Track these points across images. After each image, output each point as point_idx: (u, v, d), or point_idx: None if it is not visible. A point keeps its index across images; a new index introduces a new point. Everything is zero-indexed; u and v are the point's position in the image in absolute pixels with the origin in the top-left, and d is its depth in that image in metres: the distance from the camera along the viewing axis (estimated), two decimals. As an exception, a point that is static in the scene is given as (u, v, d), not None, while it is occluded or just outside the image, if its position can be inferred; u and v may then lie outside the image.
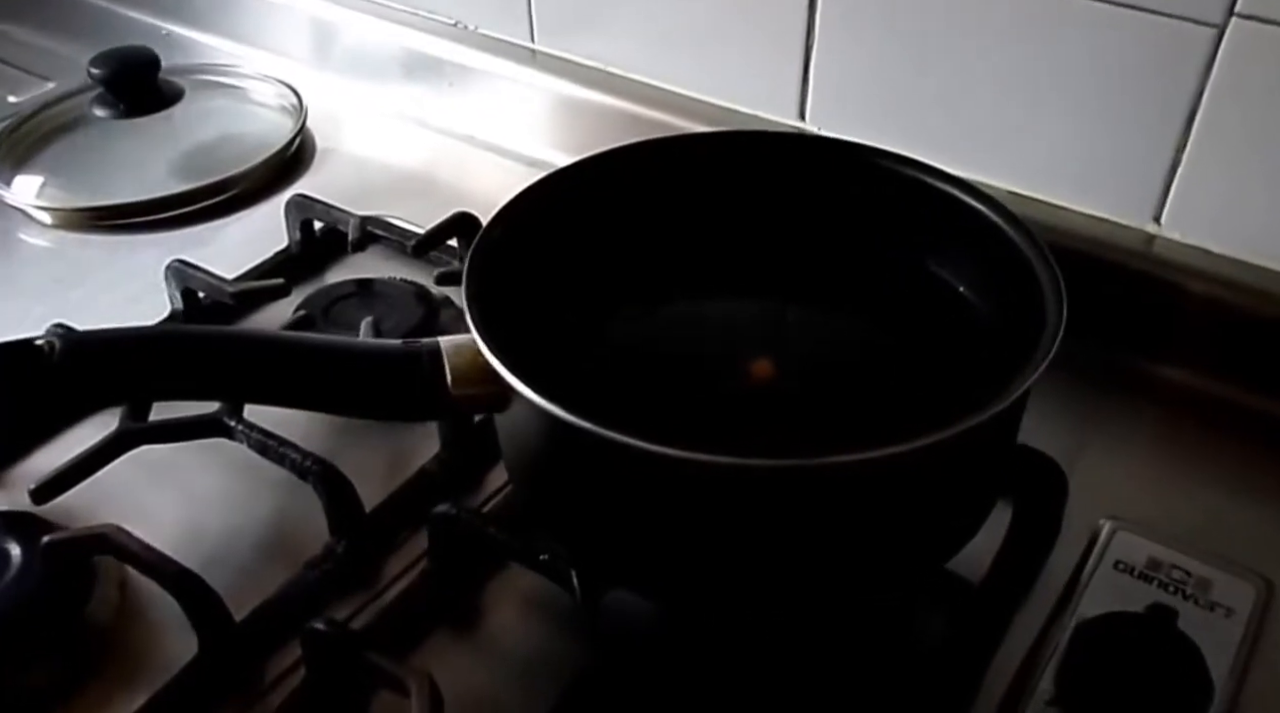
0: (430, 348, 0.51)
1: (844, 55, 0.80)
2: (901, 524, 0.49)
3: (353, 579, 0.59)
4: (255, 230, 0.88)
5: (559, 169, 0.60)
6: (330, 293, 0.77)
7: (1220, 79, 0.66)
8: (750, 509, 0.46)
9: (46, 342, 0.47)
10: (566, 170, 0.61)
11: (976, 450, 0.50)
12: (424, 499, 0.61)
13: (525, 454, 0.53)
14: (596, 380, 0.57)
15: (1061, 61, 0.71)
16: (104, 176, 0.92)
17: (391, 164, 0.97)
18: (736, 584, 0.50)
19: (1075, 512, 0.62)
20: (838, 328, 0.63)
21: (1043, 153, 0.75)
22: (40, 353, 0.46)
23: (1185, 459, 0.67)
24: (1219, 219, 0.70)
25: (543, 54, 0.95)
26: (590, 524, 0.51)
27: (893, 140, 0.63)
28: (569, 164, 0.61)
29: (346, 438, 0.66)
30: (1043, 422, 0.60)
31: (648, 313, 0.63)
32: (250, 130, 0.98)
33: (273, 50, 1.09)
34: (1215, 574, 0.59)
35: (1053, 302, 0.50)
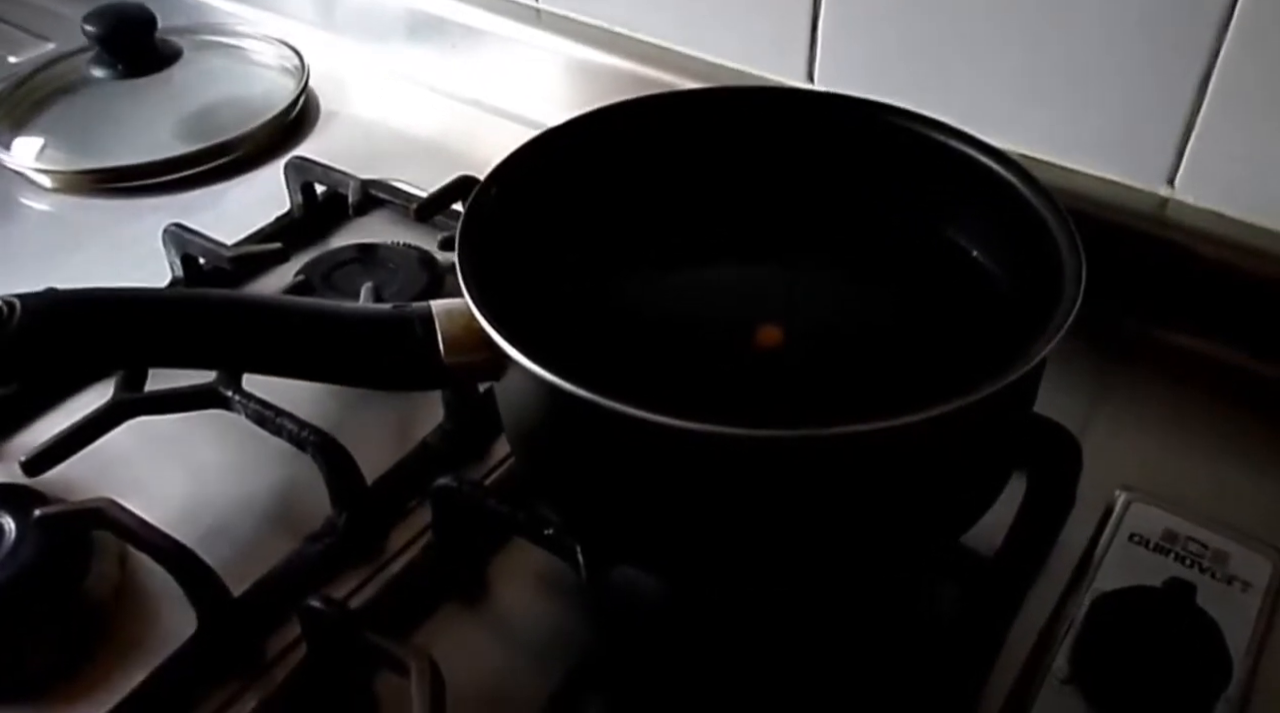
0: (421, 312, 0.49)
1: (852, 14, 0.78)
2: (916, 496, 0.48)
3: (354, 553, 0.58)
4: (258, 194, 0.87)
5: (556, 126, 0.59)
6: (331, 258, 0.76)
7: (1237, 37, 0.65)
8: (758, 481, 0.45)
9: (5, 303, 0.45)
10: (564, 127, 0.59)
11: (993, 420, 0.49)
12: (427, 471, 0.60)
13: (524, 425, 0.52)
14: (597, 346, 0.55)
15: (1076, 22, 0.69)
16: (104, 139, 0.91)
17: (395, 127, 0.96)
18: (745, 559, 0.49)
19: (1089, 482, 0.61)
20: (847, 292, 0.61)
21: (1055, 115, 0.73)
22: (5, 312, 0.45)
23: (1199, 428, 0.66)
24: (1233, 183, 0.69)
25: (548, 14, 0.94)
26: (592, 498, 0.50)
27: (901, 101, 0.62)
28: (566, 121, 0.59)
29: (348, 409, 0.65)
30: (1054, 390, 0.58)
31: (650, 276, 0.61)
32: (251, 92, 0.97)
33: (273, 10, 1.08)
34: (1232, 547, 0.58)
35: (1071, 267, 0.49)
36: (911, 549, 0.51)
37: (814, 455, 0.44)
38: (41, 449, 0.60)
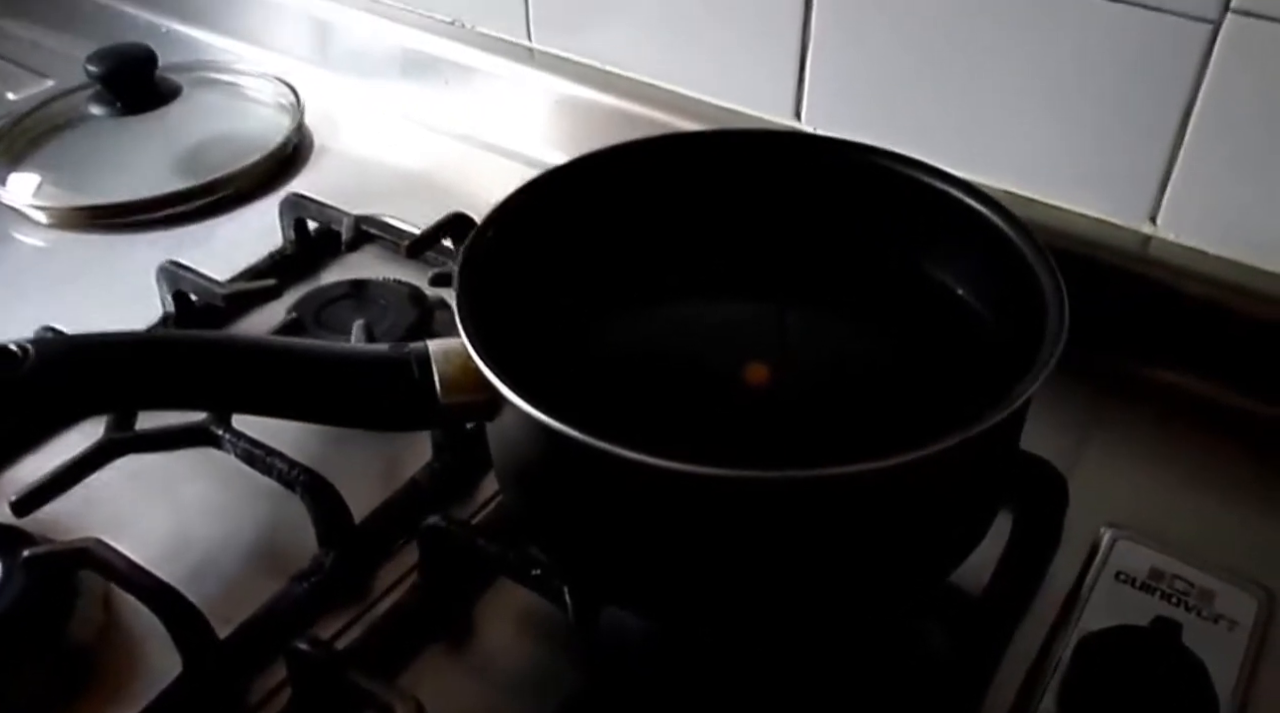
0: (419, 353, 0.50)
1: (839, 55, 0.79)
2: (902, 537, 0.48)
3: (341, 593, 0.59)
4: (251, 229, 0.87)
5: (550, 170, 0.59)
6: (323, 294, 0.77)
7: (1216, 76, 0.65)
8: (746, 522, 0.45)
9: (20, 347, 0.45)
10: (558, 171, 0.60)
11: (978, 459, 0.49)
12: (415, 509, 0.60)
13: (516, 464, 0.52)
14: (589, 386, 0.56)
15: (1057, 59, 0.70)
16: (100, 175, 0.92)
17: (389, 163, 0.96)
18: (733, 600, 0.49)
19: (1075, 520, 0.62)
20: (835, 331, 0.62)
21: (1038, 152, 0.74)
22: (14, 358, 0.45)
23: (1186, 465, 0.67)
24: (1215, 220, 0.70)
25: (540, 52, 0.94)
26: (582, 538, 0.50)
27: (888, 139, 0.62)
28: (560, 165, 0.60)
29: (336, 446, 0.65)
30: (1042, 426, 0.59)
31: (642, 316, 0.62)
32: (247, 128, 0.98)
33: (271, 48, 1.08)
34: (1217, 585, 0.58)
35: (1054, 308, 0.49)
36: (898, 589, 0.51)
37: (800, 496, 0.45)
38: (31, 489, 0.60)
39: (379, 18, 1.01)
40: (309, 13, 1.05)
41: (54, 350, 0.46)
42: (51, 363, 0.45)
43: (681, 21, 0.85)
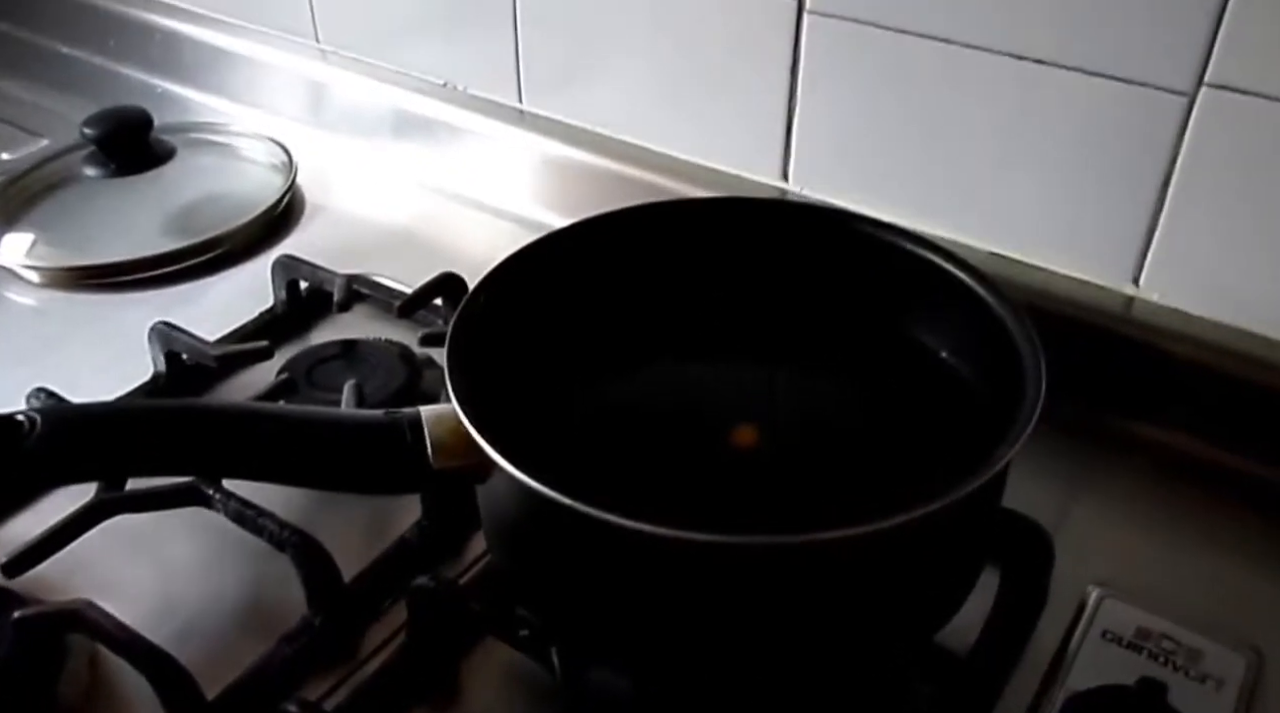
0: (412, 419, 0.50)
1: (825, 119, 0.80)
2: (885, 598, 0.49)
3: (329, 653, 0.59)
4: (243, 288, 0.88)
5: (542, 237, 0.60)
6: (314, 354, 0.77)
7: (1192, 146, 0.67)
8: (731, 585, 0.46)
9: (27, 417, 0.46)
10: (549, 238, 0.61)
11: (959, 522, 0.50)
12: (404, 569, 0.61)
13: (505, 527, 0.52)
14: (579, 450, 0.57)
15: (1039, 127, 0.71)
16: (93, 235, 0.93)
17: (381, 222, 0.97)
18: (720, 662, 0.49)
19: (1062, 578, 0.62)
20: (822, 394, 0.62)
21: (1022, 215, 0.75)
22: (20, 428, 0.46)
23: (1172, 524, 0.67)
24: (1196, 282, 0.71)
25: (530, 114, 0.96)
26: (570, 600, 0.51)
27: (874, 201, 0.63)
28: (551, 232, 0.61)
29: (325, 505, 0.65)
30: (1028, 484, 0.59)
31: (632, 380, 0.62)
32: (240, 188, 0.99)
33: (264, 108, 1.10)
34: (1205, 644, 0.58)
35: (1033, 373, 0.50)
36: (882, 651, 0.51)
37: (784, 561, 0.45)
38: (22, 550, 0.60)
39: (372, 79, 1.03)
40: (302, 74, 1.07)
41: (59, 420, 0.47)
42: (57, 433, 0.46)
43: (670, 85, 0.86)
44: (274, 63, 1.08)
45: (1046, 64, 0.69)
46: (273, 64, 1.09)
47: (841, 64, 0.77)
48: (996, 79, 0.71)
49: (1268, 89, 0.63)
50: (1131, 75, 0.67)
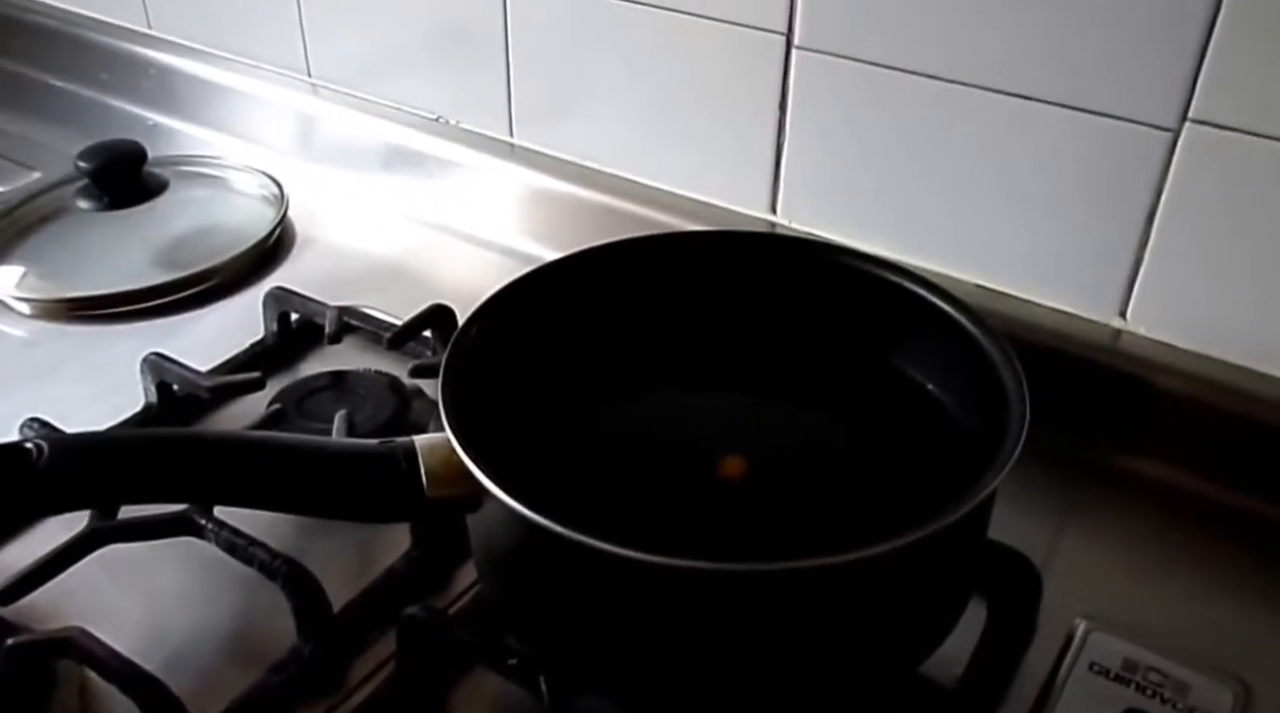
0: (406, 448, 0.51)
1: (814, 153, 0.81)
2: (871, 627, 0.49)
3: (318, 683, 0.58)
4: (234, 320, 0.88)
5: (533, 269, 0.61)
6: (305, 385, 0.78)
7: (1177, 180, 0.68)
8: (719, 612, 0.47)
9: (34, 444, 0.47)
10: (540, 270, 0.62)
11: (944, 552, 0.50)
12: (393, 599, 0.61)
13: (497, 555, 0.53)
14: (571, 480, 0.57)
15: (1026, 162, 0.72)
16: (84, 267, 0.93)
17: (371, 254, 0.97)
18: (707, 689, 0.50)
19: (1050, 611, 0.62)
20: (809, 425, 0.63)
21: (1009, 248, 0.76)
22: (29, 455, 0.46)
23: (1160, 556, 0.67)
24: (1182, 314, 0.72)
25: (521, 148, 0.96)
26: (560, 627, 0.51)
27: (863, 234, 0.64)
28: (542, 264, 0.62)
29: (315, 535, 0.65)
30: (1017, 517, 0.60)
31: (621, 410, 0.63)
32: (232, 221, 0.99)
33: (256, 142, 1.10)
34: (1192, 677, 0.59)
35: (1016, 404, 0.51)
36: (868, 679, 0.51)
37: (770, 588, 0.46)
38: (16, 579, 0.60)
39: (363, 113, 1.03)
40: (294, 107, 1.08)
41: (65, 447, 0.47)
42: (63, 460, 0.47)
43: (659, 118, 0.87)
44: (266, 96, 1.09)
45: (1032, 100, 0.70)
46: (264, 98, 1.09)
47: (830, 99, 0.78)
48: (982, 114, 0.72)
49: (1249, 125, 0.64)
50: (1117, 111, 0.68)
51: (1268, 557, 0.67)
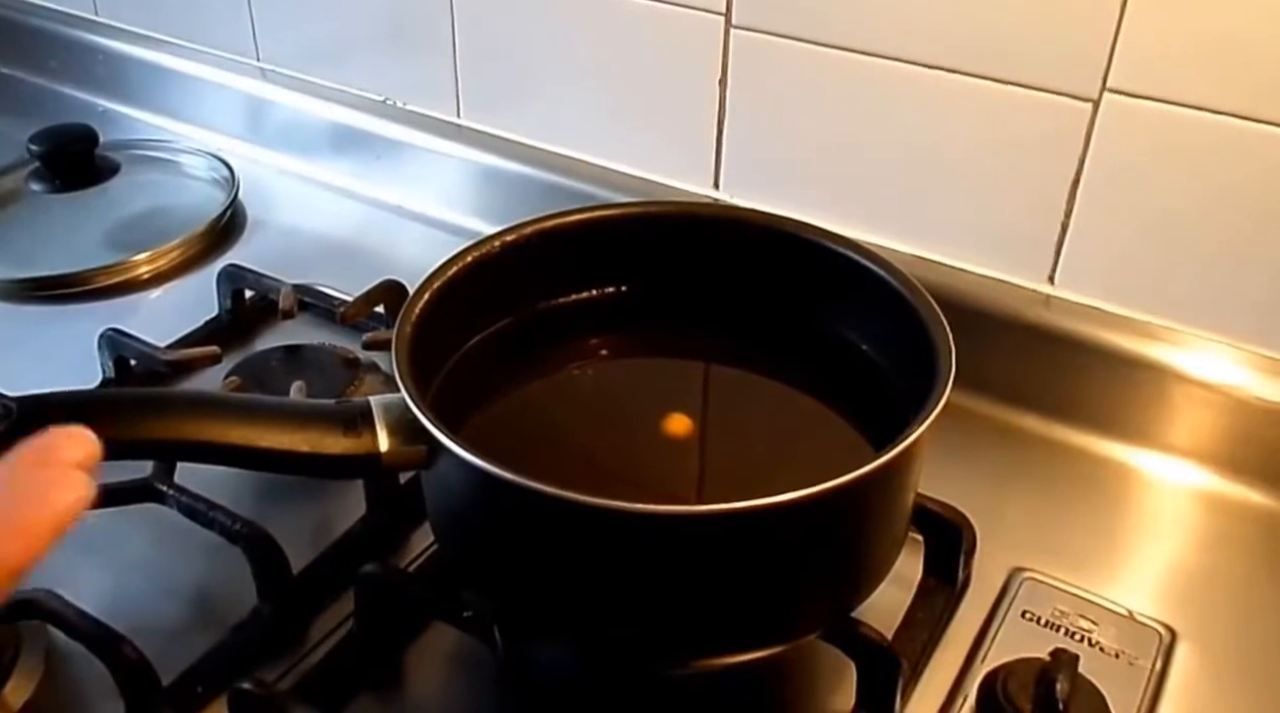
0: (362, 407, 0.52)
1: (753, 129, 0.83)
2: (805, 569, 0.51)
3: (279, 641, 0.60)
4: (187, 299, 0.89)
5: (479, 240, 0.62)
6: (261, 359, 0.79)
7: (1098, 149, 0.70)
8: (659, 557, 0.48)
9: (2, 405, 0.47)
10: (488, 240, 0.62)
11: (871, 500, 0.52)
12: (350, 560, 0.62)
13: (450, 508, 0.54)
14: (519, 437, 0.59)
15: (956, 134, 0.75)
16: (39, 249, 0.94)
17: (321, 234, 0.99)
18: (650, 633, 0.51)
19: (986, 564, 0.65)
20: (750, 385, 0.65)
21: (944, 219, 0.78)
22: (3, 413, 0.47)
23: (1092, 513, 0.70)
24: (1107, 278, 0.74)
25: (468, 128, 0.98)
26: (512, 576, 0.53)
27: (801, 208, 0.66)
28: (489, 234, 0.63)
29: (274, 501, 0.67)
30: (957, 477, 0.64)
31: (568, 375, 0.65)
32: (183, 203, 1.00)
33: (206, 125, 1.11)
34: (1119, 623, 0.62)
35: (944, 361, 0.53)
36: (803, 621, 0.53)
37: (706, 532, 0.47)
38: (-24, 545, 0.61)
39: (311, 96, 1.04)
40: (243, 91, 1.08)
41: (33, 406, 0.47)
42: (31, 418, 0.46)
43: (603, 99, 0.89)
44: (215, 81, 1.10)
45: (961, 74, 0.72)
46: (214, 82, 1.10)
47: (768, 76, 0.80)
48: (914, 89, 0.74)
49: (1164, 93, 0.67)
50: (1041, 83, 0.70)
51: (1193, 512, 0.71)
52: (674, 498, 0.56)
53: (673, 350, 0.67)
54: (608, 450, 0.59)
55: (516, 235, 0.63)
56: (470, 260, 0.61)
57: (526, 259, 0.63)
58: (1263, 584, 0.65)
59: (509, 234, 0.63)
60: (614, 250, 0.66)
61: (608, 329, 0.66)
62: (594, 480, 0.50)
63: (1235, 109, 0.65)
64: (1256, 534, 0.68)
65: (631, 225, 0.66)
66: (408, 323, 0.55)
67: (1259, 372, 0.70)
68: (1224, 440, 0.71)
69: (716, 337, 0.67)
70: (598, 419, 0.62)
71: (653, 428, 0.59)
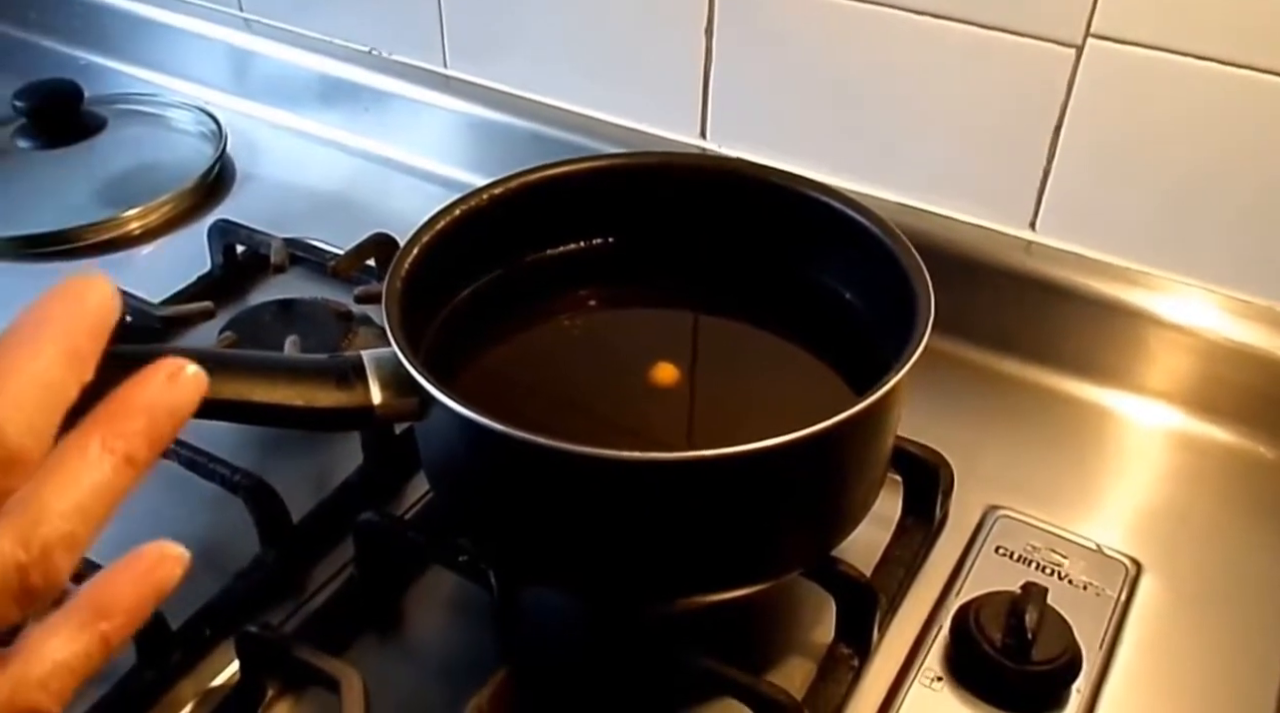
0: (354, 361, 0.53)
1: (739, 78, 0.84)
2: (788, 511, 0.53)
3: (282, 587, 0.62)
4: (178, 255, 0.90)
5: (467, 193, 0.63)
6: (254, 314, 0.80)
7: (1081, 94, 0.72)
8: (646, 501, 0.50)
9: None
10: (476, 193, 0.63)
11: (853, 442, 0.53)
12: (348, 509, 0.64)
13: (443, 459, 0.56)
14: (509, 387, 0.61)
15: (940, 82, 0.76)
16: (28, 206, 0.94)
17: (311, 187, 0.99)
18: (638, 573, 0.53)
19: (964, 503, 0.67)
20: (735, 333, 0.67)
21: (927, 166, 0.80)
22: None
23: (1064, 453, 0.72)
24: (1088, 224, 0.76)
25: (455, 79, 0.98)
26: (505, 522, 0.55)
27: (787, 156, 0.67)
28: (478, 187, 0.64)
29: (273, 454, 0.69)
30: (936, 420, 0.66)
31: (556, 325, 0.66)
32: (171, 157, 1.01)
33: (191, 79, 1.11)
34: (1089, 556, 0.64)
35: (923, 306, 0.54)
36: (785, 559, 0.55)
37: (692, 476, 0.49)
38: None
39: (296, 47, 1.05)
40: (228, 44, 1.08)
41: None
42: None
43: (590, 48, 0.90)
44: (197, 32, 1.10)
45: (945, 19, 0.73)
46: (196, 33, 1.10)
47: (754, 25, 0.81)
48: (898, 36, 0.75)
49: (1147, 39, 0.68)
50: (1025, 29, 0.71)
51: (1163, 452, 0.73)
52: (662, 444, 0.57)
53: (660, 300, 0.68)
54: (597, 399, 0.61)
55: (504, 188, 0.64)
56: (458, 214, 0.62)
57: (515, 212, 0.64)
58: (1226, 519, 0.68)
59: (497, 187, 0.64)
60: (601, 202, 0.67)
61: (596, 280, 0.68)
62: (583, 429, 0.52)
63: (1217, 55, 0.67)
64: (1223, 472, 0.71)
65: (618, 177, 0.67)
66: (397, 278, 0.56)
67: (1230, 314, 0.72)
68: (1196, 382, 0.74)
69: (702, 286, 0.68)
70: (587, 368, 0.63)
71: (640, 376, 0.60)
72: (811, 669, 0.59)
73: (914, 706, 0.57)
